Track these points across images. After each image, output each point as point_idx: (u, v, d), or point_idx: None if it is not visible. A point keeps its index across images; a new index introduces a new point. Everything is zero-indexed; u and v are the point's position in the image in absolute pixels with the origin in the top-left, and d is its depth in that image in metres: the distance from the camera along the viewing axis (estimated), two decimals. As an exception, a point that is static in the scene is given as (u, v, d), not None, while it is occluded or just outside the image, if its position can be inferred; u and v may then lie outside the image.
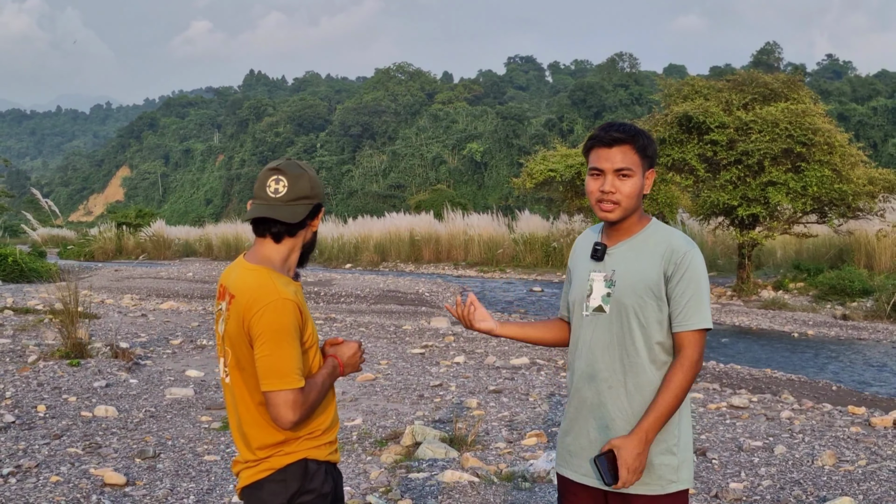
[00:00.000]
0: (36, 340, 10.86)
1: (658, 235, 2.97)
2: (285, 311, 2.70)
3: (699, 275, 2.90)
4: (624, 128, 2.99)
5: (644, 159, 2.96)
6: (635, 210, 2.98)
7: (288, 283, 2.81)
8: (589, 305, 3.00)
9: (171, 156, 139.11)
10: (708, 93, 19.91)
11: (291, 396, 2.67)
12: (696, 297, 2.88)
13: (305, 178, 2.83)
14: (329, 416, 2.91)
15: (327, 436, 2.89)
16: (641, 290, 2.90)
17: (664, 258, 2.91)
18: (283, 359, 2.67)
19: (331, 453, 2.91)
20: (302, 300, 2.81)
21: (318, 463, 2.83)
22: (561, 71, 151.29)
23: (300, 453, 2.79)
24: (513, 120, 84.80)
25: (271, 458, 2.79)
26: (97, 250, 40.28)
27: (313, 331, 2.84)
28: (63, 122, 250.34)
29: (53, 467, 6.00)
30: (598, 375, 2.95)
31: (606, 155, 2.94)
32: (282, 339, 2.68)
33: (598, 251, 3.02)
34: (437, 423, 7.44)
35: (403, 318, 16.24)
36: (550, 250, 29.65)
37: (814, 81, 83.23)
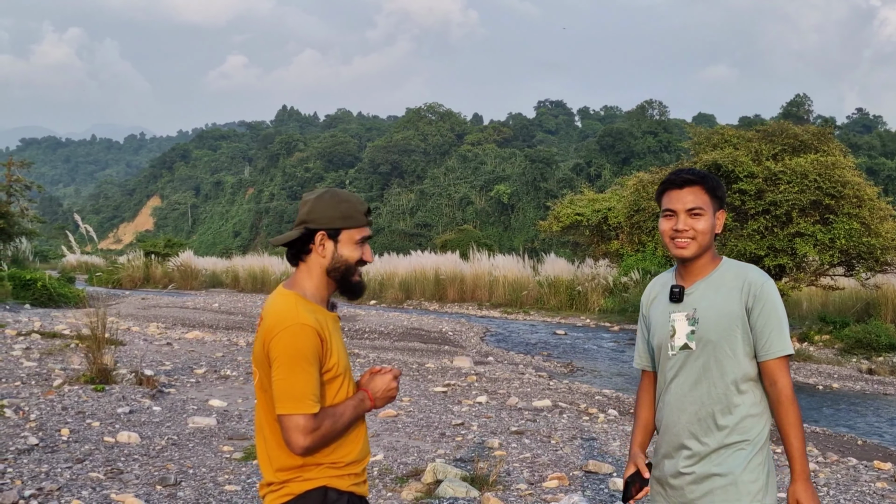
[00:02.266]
0: (62, 365, 10.95)
1: (733, 271, 3.09)
2: (301, 336, 2.71)
3: (777, 304, 3.00)
4: (693, 171, 3.13)
5: (714, 199, 3.10)
6: (709, 248, 3.10)
7: (315, 310, 2.82)
8: (674, 345, 3.11)
9: (202, 187, 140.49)
10: (737, 142, 19.92)
11: (302, 422, 2.68)
12: (777, 325, 2.99)
13: (308, 204, 2.88)
14: (356, 448, 2.90)
15: (353, 467, 2.88)
16: (725, 324, 3.01)
17: (743, 291, 3.02)
18: (297, 384, 2.69)
19: (356, 484, 2.89)
20: (328, 329, 2.82)
21: (339, 493, 2.83)
22: (590, 116, 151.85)
23: (320, 480, 2.80)
24: (541, 163, 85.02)
25: (291, 484, 2.80)
26: (125, 278, 40.59)
27: (340, 361, 2.85)
28: (97, 150, 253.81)
29: (75, 491, 6.03)
30: (688, 409, 3.07)
31: (678, 196, 3.09)
32: (296, 363, 2.70)
33: (675, 293, 3.13)
34: (459, 462, 7.43)
35: (426, 356, 16.24)
36: (575, 294, 29.55)
37: (843, 135, 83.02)
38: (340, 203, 2.87)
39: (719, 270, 3.10)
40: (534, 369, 15.32)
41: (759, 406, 3.05)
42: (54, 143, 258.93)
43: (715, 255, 3.14)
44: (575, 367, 16.39)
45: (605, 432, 9.23)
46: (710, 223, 3.06)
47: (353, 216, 2.87)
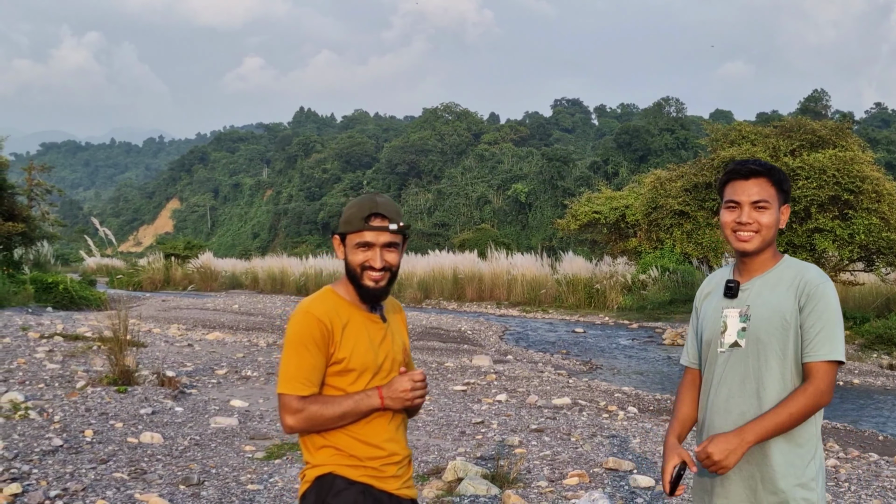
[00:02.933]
0: (85, 367, 11.05)
1: (792, 269, 2.99)
2: (303, 322, 2.87)
3: (832, 307, 2.89)
4: (760, 162, 3.03)
5: (780, 193, 3.00)
6: (771, 244, 3.00)
7: (341, 305, 2.96)
8: (724, 342, 3.02)
9: (221, 189, 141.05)
10: (755, 138, 19.88)
11: (288, 401, 2.83)
12: (827, 328, 2.87)
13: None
14: (363, 447, 2.93)
15: (358, 461, 2.92)
16: (777, 323, 2.91)
17: (798, 290, 2.92)
18: (290, 365, 2.85)
19: (374, 477, 2.93)
20: (343, 323, 2.92)
21: (348, 481, 2.89)
22: (607, 114, 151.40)
23: (328, 467, 2.91)
24: (558, 162, 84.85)
25: (308, 472, 2.95)
26: (145, 280, 40.84)
27: (355, 356, 2.91)
28: (116, 154, 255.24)
29: (99, 491, 6.09)
30: (735, 409, 2.97)
31: (743, 187, 2.99)
32: (293, 347, 2.86)
33: (731, 288, 3.04)
34: (479, 460, 7.46)
35: (445, 355, 16.27)
36: (593, 292, 29.52)
37: (862, 129, 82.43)
38: (348, 208, 2.98)
39: (779, 268, 3.01)
40: (553, 367, 15.32)
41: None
42: (74, 147, 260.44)
43: (776, 252, 3.04)
44: (594, 365, 16.38)
45: (624, 429, 9.24)
46: (774, 217, 2.97)
47: (351, 221, 2.94)
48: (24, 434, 7.44)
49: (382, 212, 2.92)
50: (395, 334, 3.11)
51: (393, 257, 2.97)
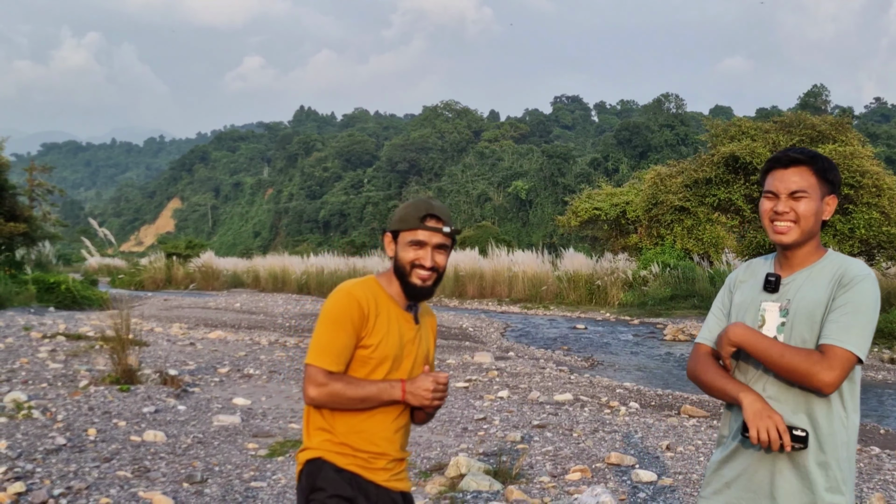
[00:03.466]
0: (87, 366, 11.07)
1: (835, 263, 2.85)
2: (343, 301, 2.94)
3: (866, 301, 2.73)
4: (803, 150, 2.90)
5: (824, 183, 2.86)
6: (813, 236, 2.87)
7: (382, 295, 3.04)
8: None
9: (222, 189, 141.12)
10: (755, 134, 19.88)
11: (315, 373, 2.90)
12: (854, 319, 2.71)
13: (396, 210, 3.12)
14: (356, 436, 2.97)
15: (350, 450, 2.97)
16: (818, 318, 2.78)
17: (835, 281, 2.79)
18: (322, 338, 2.92)
19: (361, 468, 2.98)
20: (383, 312, 3.00)
21: (336, 468, 2.95)
22: (607, 111, 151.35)
23: (318, 452, 2.98)
24: (558, 159, 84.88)
25: (301, 453, 3.02)
26: (147, 280, 40.88)
27: (383, 346, 2.97)
28: (117, 154, 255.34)
29: (103, 489, 6.11)
30: (772, 404, 2.81)
31: (782, 176, 2.86)
32: (329, 322, 2.93)
33: (771, 282, 2.90)
34: (482, 456, 7.48)
35: (447, 352, 16.29)
36: (594, 288, 29.53)
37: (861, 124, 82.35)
38: (404, 207, 3.08)
39: (822, 262, 2.87)
40: (554, 364, 15.33)
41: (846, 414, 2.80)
42: (75, 148, 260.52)
43: (819, 246, 2.89)
44: (595, 362, 16.39)
45: (626, 425, 9.26)
46: (814, 207, 2.81)
47: (406, 219, 3.03)
48: (27, 433, 7.47)
49: (437, 213, 3.02)
50: (423, 339, 3.17)
51: (442, 259, 3.05)
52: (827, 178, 2.86)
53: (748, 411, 2.76)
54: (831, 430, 2.77)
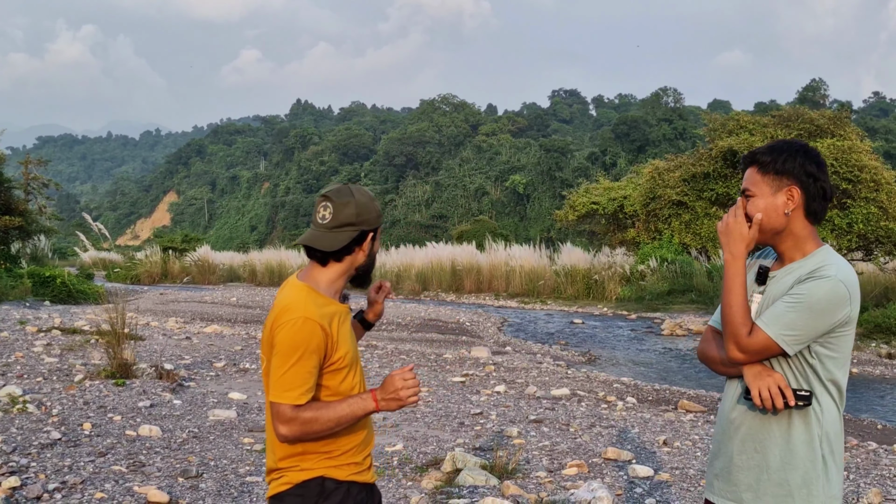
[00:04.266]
0: (82, 360, 11.03)
1: (816, 260, 2.82)
2: (305, 329, 2.75)
3: (812, 298, 2.71)
4: (756, 149, 2.93)
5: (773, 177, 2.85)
6: (775, 231, 2.86)
7: (326, 303, 2.87)
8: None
9: (218, 182, 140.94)
10: (753, 128, 19.85)
11: (284, 411, 2.74)
12: (790, 310, 2.73)
13: (351, 206, 2.87)
14: (354, 440, 2.93)
15: (351, 457, 2.92)
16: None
17: (803, 276, 2.79)
18: (289, 374, 2.74)
19: (356, 473, 2.93)
20: (336, 322, 2.86)
21: (337, 482, 2.87)
22: (605, 105, 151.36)
23: (317, 470, 2.86)
24: (556, 153, 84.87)
25: (290, 473, 2.87)
26: (143, 274, 40.77)
27: (347, 353, 2.88)
28: (113, 147, 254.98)
29: (98, 484, 6.09)
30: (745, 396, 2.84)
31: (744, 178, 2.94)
32: (293, 355, 2.74)
33: (761, 274, 2.94)
34: (478, 451, 7.45)
35: (444, 346, 16.26)
36: (592, 283, 29.52)
37: (860, 119, 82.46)
38: (374, 201, 2.97)
39: (807, 259, 2.84)
40: (551, 358, 15.32)
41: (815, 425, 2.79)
42: (71, 141, 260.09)
43: (811, 241, 2.85)
44: (593, 356, 16.38)
45: (623, 420, 9.24)
46: (762, 204, 2.83)
47: (379, 212, 2.98)
48: (22, 427, 7.43)
49: None
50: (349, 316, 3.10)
51: None
52: (775, 169, 2.83)
53: (748, 374, 2.80)
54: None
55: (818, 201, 2.85)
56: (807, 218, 2.86)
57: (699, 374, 14.67)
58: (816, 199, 2.84)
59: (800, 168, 2.84)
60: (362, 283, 3.04)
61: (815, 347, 2.76)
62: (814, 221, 2.86)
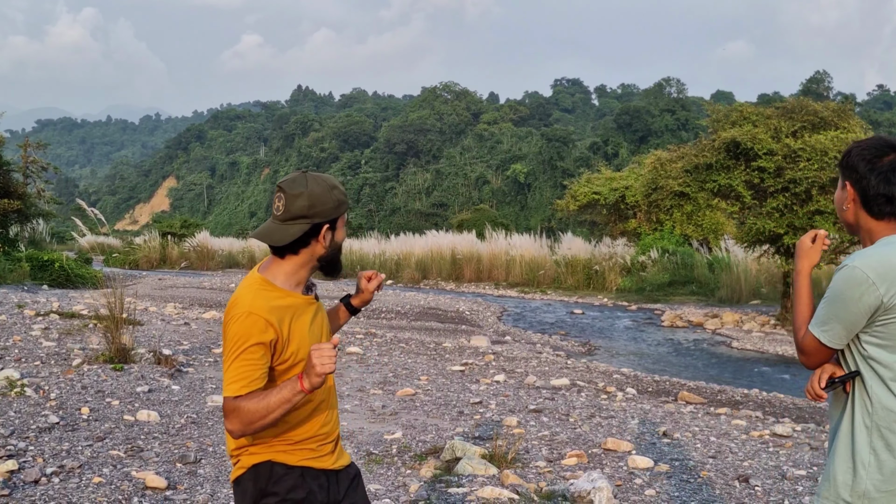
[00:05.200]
0: (80, 344, 10.99)
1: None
2: (247, 324, 2.71)
3: (830, 290, 2.82)
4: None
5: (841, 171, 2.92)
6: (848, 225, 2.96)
7: (282, 296, 2.82)
8: None
9: (218, 168, 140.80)
10: (756, 119, 19.71)
11: (226, 404, 2.70)
12: (821, 305, 2.84)
13: (303, 197, 2.80)
14: (310, 427, 2.90)
15: (299, 446, 2.89)
16: None
17: None
18: (231, 368, 2.71)
19: (310, 459, 2.90)
20: (290, 317, 2.81)
21: (287, 467, 2.86)
22: (607, 94, 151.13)
23: (266, 455, 2.85)
24: (557, 142, 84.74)
25: (243, 456, 2.87)
26: (142, 259, 40.75)
27: (301, 349, 2.82)
28: (112, 131, 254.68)
29: (96, 468, 6.06)
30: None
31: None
32: (236, 349, 2.71)
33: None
34: (477, 440, 7.42)
35: (443, 335, 16.24)
36: (592, 273, 29.49)
37: (864, 111, 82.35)
38: (333, 190, 2.86)
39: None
40: (551, 349, 15.30)
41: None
42: (70, 125, 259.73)
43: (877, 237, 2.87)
44: (592, 347, 16.36)
45: (623, 410, 9.21)
46: (836, 196, 2.95)
47: (344, 201, 2.90)
48: (20, 411, 7.40)
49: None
50: (320, 309, 3.03)
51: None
52: (840, 164, 2.91)
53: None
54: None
55: (872, 197, 2.83)
56: (867, 212, 2.86)
57: (699, 366, 14.66)
58: (869, 195, 2.84)
59: (850, 164, 2.88)
60: (330, 273, 2.97)
61: (864, 338, 2.79)
62: (877, 216, 2.86)
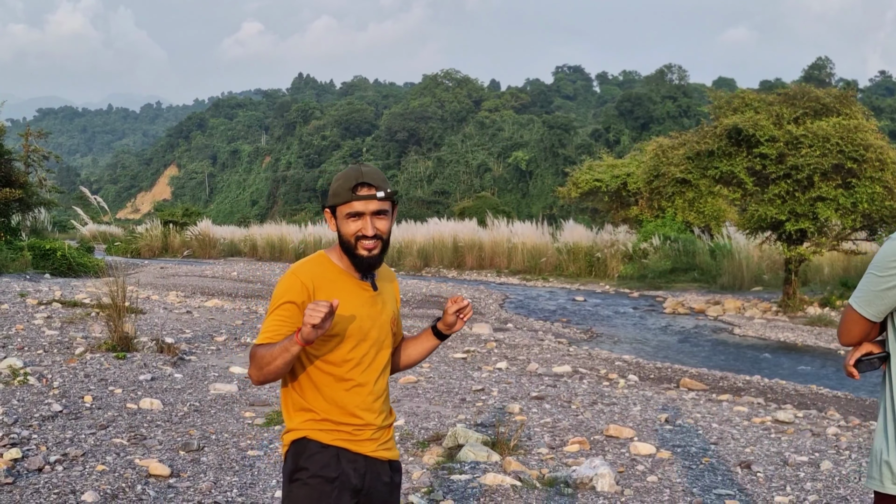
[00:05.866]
0: (83, 333, 11.01)
1: None
2: (286, 285, 2.93)
3: (873, 260, 2.85)
4: None
5: None
6: None
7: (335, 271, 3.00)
8: None
9: (219, 156, 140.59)
10: (758, 106, 19.65)
11: (250, 351, 2.87)
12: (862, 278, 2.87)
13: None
14: (337, 410, 2.96)
15: (332, 425, 2.96)
16: None
17: None
18: (264, 323, 2.92)
19: (346, 441, 2.96)
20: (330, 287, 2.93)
21: (321, 445, 2.94)
22: (609, 81, 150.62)
23: (302, 432, 2.97)
24: (559, 129, 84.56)
25: (286, 435, 3.03)
26: (143, 247, 40.79)
27: (339, 321, 2.90)
28: (114, 120, 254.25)
29: (99, 456, 6.07)
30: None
31: None
32: (273, 306, 2.92)
33: None
34: (479, 427, 7.43)
35: (445, 322, 16.23)
36: (594, 260, 29.50)
37: (866, 98, 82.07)
38: (336, 180, 3.01)
39: None
40: (553, 336, 15.31)
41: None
42: (71, 113, 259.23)
43: None
44: (594, 334, 16.37)
45: (625, 397, 9.23)
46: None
47: (339, 193, 2.97)
48: (23, 399, 7.41)
49: (368, 181, 2.94)
50: (387, 303, 3.12)
51: (383, 225, 2.97)
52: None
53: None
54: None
55: None
56: None
57: (701, 353, 14.67)
58: None
59: None
60: (355, 266, 3.02)
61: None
62: None
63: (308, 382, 2.97)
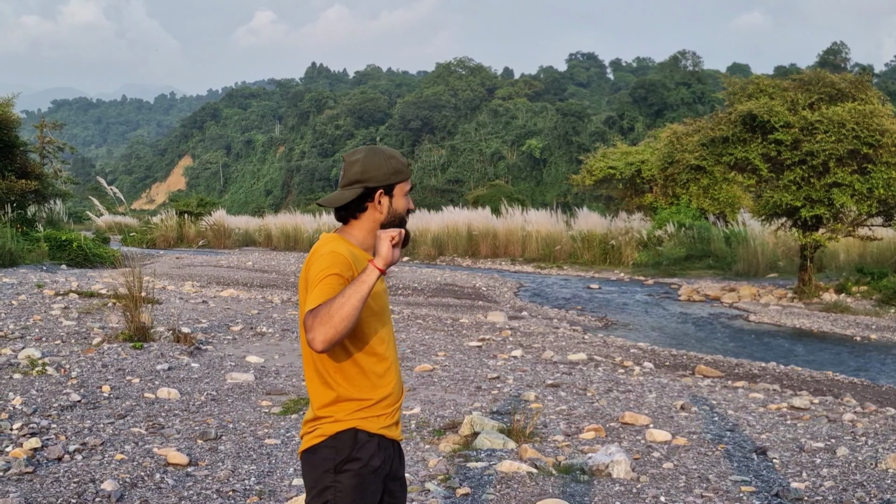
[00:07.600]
0: (100, 323, 11.07)
1: None
2: (329, 259, 2.83)
3: None
4: None
5: None
6: None
7: (357, 250, 2.95)
8: None
9: (233, 146, 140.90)
10: (773, 92, 19.56)
11: (306, 320, 2.68)
12: None
13: (358, 164, 2.96)
14: (381, 389, 2.96)
15: (380, 408, 2.95)
16: None
17: None
18: (314, 293, 2.75)
19: (385, 427, 2.96)
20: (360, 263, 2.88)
21: (369, 435, 2.92)
22: (622, 68, 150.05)
23: (351, 422, 2.89)
24: (573, 117, 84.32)
25: (324, 425, 2.91)
26: (159, 238, 40.94)
27: (377, 293, 2.93)
28: (128, 111, 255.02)
29: (118, 445, 6.12)
30: None
31: None
32: (318, 279, 2.79)
33: None
34: (495, 415, 7.45)
35: (460, 311, 16.26)
36: (608, 248, 29.46)
37: (882, 83, 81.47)
38: (389, 160, 2.98)
39: None
40: (568, 323, 15.31)
41: None
42: (85, 104, 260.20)
43: None
44: (609, 321, 16.36)
45: (640, 385, 9.22)
46: None
47: (402, 170, 3.00)
48: (41, 390, 7.47)
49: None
50: (384, 284, 3.13)
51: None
52: None
53: None
54: None
55: None
56: None
57: (716, 340, 14.64)
58: None
59: None
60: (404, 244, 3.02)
61: None
62: None
63: (354, 370, 2.90)
